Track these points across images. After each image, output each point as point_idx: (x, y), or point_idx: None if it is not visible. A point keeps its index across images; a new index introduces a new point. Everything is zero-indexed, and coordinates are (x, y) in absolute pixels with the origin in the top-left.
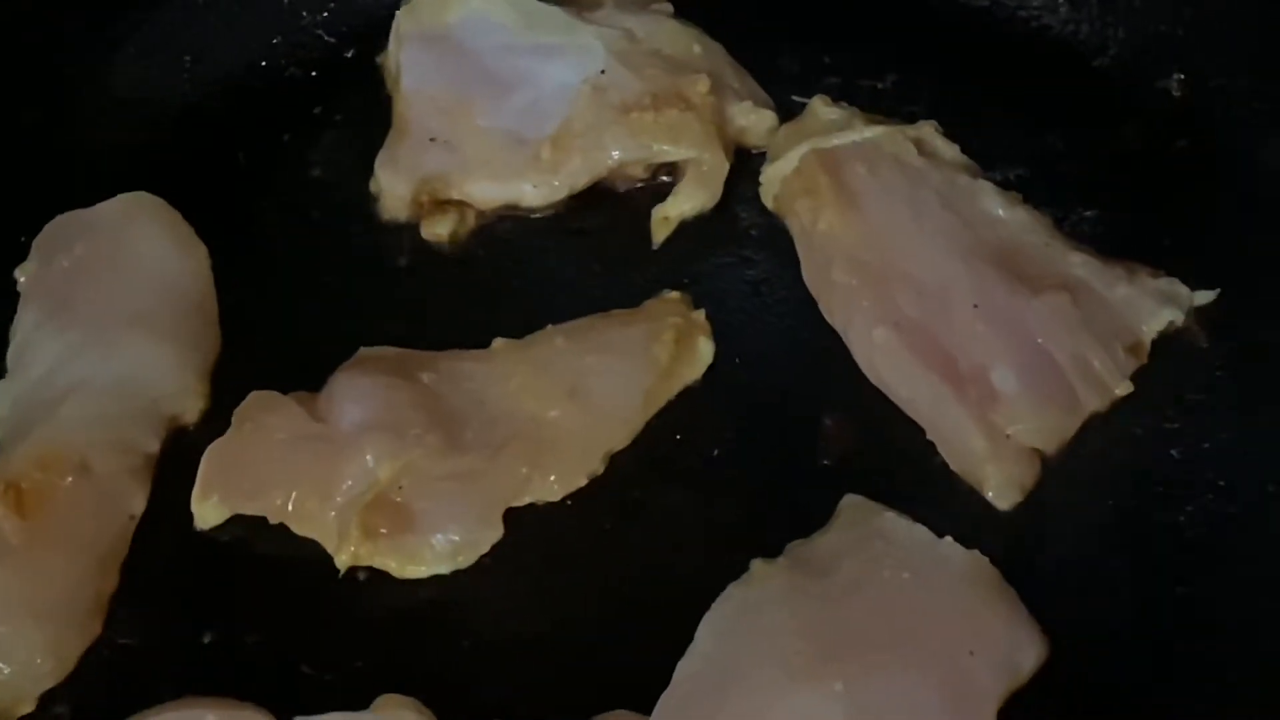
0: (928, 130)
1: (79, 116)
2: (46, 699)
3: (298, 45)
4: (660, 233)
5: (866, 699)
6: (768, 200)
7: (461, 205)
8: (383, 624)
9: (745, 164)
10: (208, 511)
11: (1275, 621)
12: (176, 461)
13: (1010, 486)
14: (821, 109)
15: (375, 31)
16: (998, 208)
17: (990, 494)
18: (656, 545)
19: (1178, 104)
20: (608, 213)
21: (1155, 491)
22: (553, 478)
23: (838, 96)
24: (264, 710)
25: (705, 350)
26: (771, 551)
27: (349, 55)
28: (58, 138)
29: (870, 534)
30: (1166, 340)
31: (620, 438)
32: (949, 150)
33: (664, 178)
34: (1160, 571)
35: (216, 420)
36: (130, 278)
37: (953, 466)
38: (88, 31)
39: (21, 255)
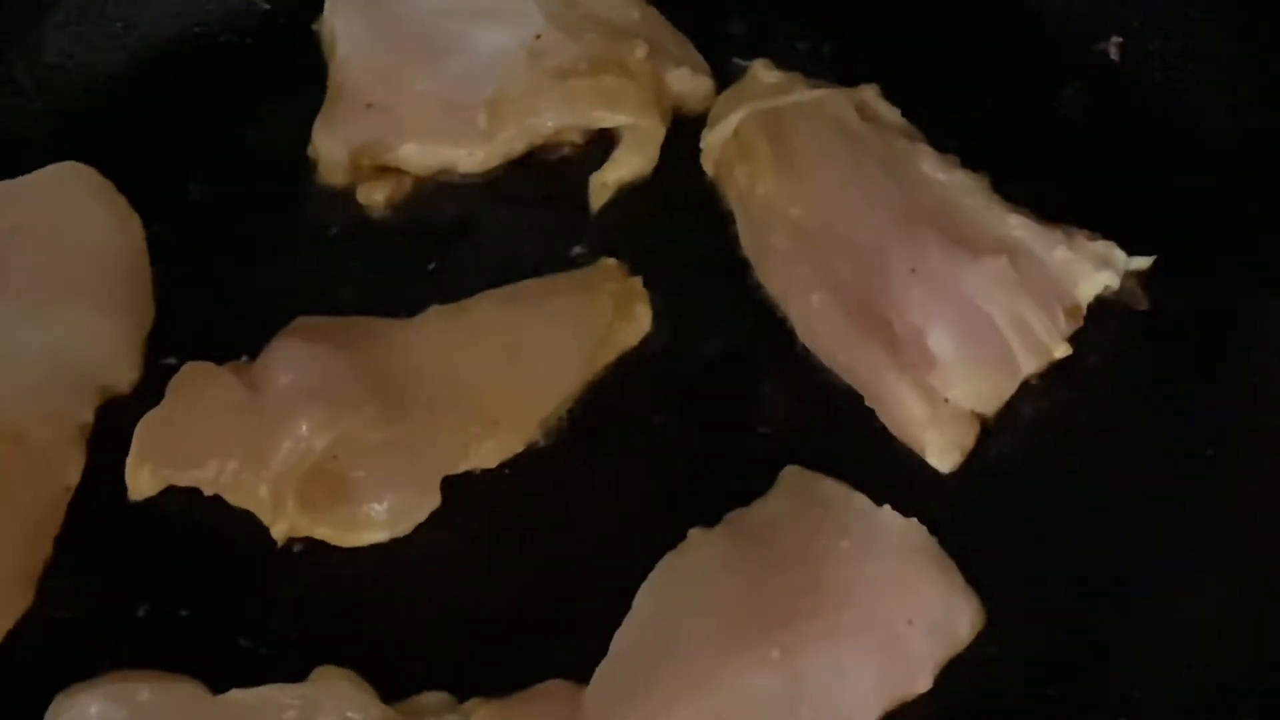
0: (870, 94)
1: (7, 84)
2: None
3: (232, 12)
4: (598, 199)
5: (803, 666)
6: (708, 166)
7: (398, 171)
8: (319, 595)
9: (684, 131)
10: (142, 483)
11: (1215, 588)
12: (111, 432)
13: (950, 450)
14: (763, 73)
15: None
16: (936, 171)
17: (930, 458)
18: (594, 513)
19: (1116, 68)
20: (544, 178)
21: (1092, 456)
22: (490, 445)
23: (779, 61)
24: (199, 683)
25: (642, 317)
26: (710, 520)
27: (284, 22)
28: None
29: (809, 502)
30: (1105, 303)
31: (557, 405)
32: (890, 114)
33: (604, 142)
34: (1097, 537)
35: (151, 391)
36: (62, 248)
37: (892, 431)
38: None
39: None
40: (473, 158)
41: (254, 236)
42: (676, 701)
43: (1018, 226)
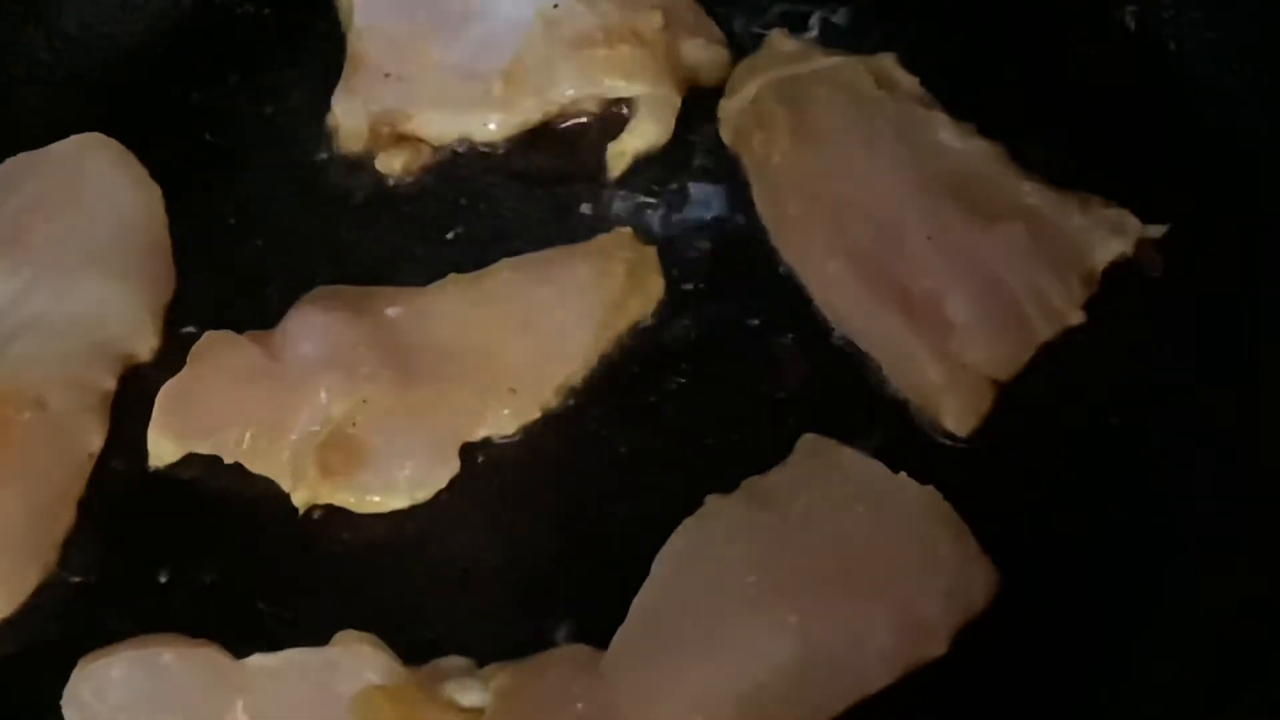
0: (887, 62)
1: (27, 56)
2: None
3: None
4: (616, 167)
5: (819, 631)
6: (726, 135)
7: (417, 140)
8: (340, 560)
9: (700, 100)
10: (163, 450)
11: (1228, 552)
12: (132, 400)
13: (966, 415)
14: (780, 42)
15: None
16: (953, 138)
17: (947, 423)
18: (612, 480)
19: (1132, 36)
20: (561, 147)
21: (1107, 422)
22: (507, 411)
23: (795, 29)
24: (221, 648)
25: (656, 285)
26: (726, 486)
27: None
28: (6, 77)
29: (826, 469)
30: (1119, 270)
31: (573, 371)
32: (908, 82)
33: (619, 111)
34: (1112, 503)
35: (172, 359)
36: (83, 217)
37: (909, 397)
38: None
39: None
40: (489, 127)
41: (273, 205)
42: (694, 666)
43: (1033, 194)
